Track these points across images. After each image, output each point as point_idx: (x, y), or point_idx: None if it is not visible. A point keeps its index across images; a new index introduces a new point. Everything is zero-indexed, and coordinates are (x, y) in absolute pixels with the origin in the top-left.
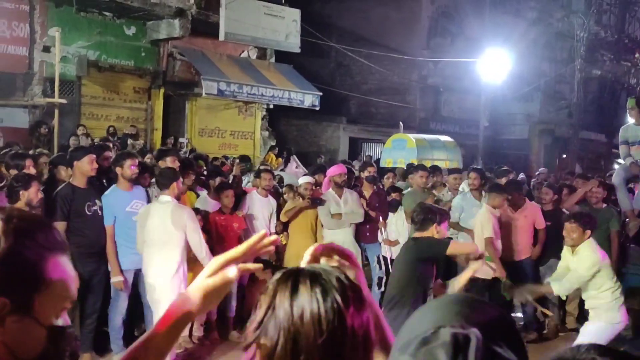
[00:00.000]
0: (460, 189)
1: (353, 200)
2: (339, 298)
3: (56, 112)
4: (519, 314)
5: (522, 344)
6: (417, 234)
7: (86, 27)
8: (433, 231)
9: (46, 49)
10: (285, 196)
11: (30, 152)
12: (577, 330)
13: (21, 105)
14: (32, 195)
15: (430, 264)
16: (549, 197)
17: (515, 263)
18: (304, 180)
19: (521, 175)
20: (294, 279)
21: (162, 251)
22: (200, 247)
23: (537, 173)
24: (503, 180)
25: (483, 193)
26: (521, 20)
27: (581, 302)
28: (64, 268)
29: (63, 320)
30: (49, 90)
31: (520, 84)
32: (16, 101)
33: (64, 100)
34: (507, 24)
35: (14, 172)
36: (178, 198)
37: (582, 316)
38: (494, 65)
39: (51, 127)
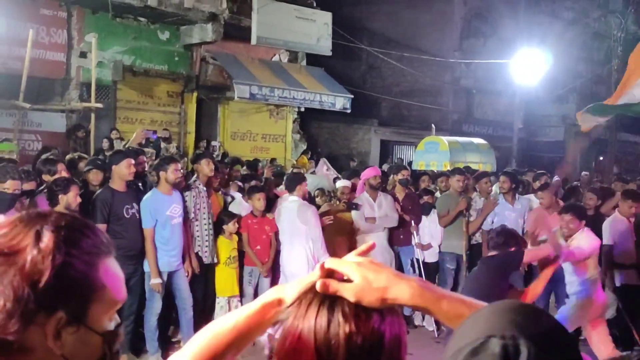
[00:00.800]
0: (492, 192)
1: (387, 204)
2: (340, 316)
3: (92, 116)
4: None
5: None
6: (493, 253)
7: (121, 32)
8: None
9: (83, 55)
10: (318, 200)
11: (69, 156)
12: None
13: (59, 110)
14: (71, 199)
15: (507, 278)
16: (592, 202)
17: None
18: (341, 184)
19: (555, 178)
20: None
21: (292, 243)
22: (317, 242)
23: (580, 177)
24: (537, 184)
25: (517, 196)
26: (557, 20)
27: None
28: (113, 271)
29: (115, 319)
30: (85, 94)
31: (556, 85)
32: (54, 106)
33: (100, 105)
34: (542, 24)
35: (46, 177)
36: (304, 198)
37: None
38: (529, 67)
39: (88, 131)
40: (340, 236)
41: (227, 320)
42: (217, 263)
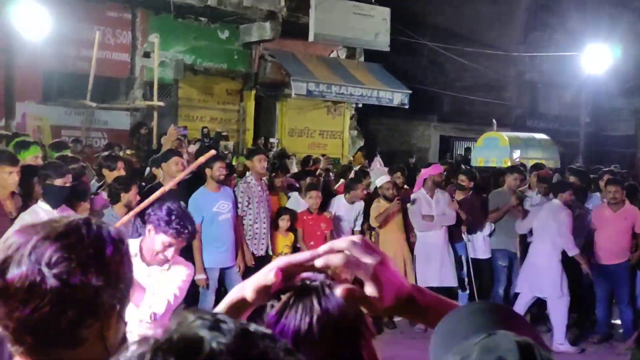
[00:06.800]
0: None
1: (445, 201)
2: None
3: (155, 114)
4: (618, 321)
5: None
6: None
7: (183, 32)
8: None
9: (146, 55)
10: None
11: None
12: None
13: (123, 109)
14: (131, 197)
15: None
16: None
17: (610, 266)
18: (383, 180)
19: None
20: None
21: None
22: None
23: None
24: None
25: (588, 194)
26: (627, 11)
27: None
28: None
29: None
30: (148, 93)
31: (626, 77)
32: (119, 104)
33: (161, 103)
34: (612, 15)
35: (105, 171)
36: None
37: None
38: (597, 59)
39: (150, 129)
40: (394, 232)
41: None
42: (271, 256)
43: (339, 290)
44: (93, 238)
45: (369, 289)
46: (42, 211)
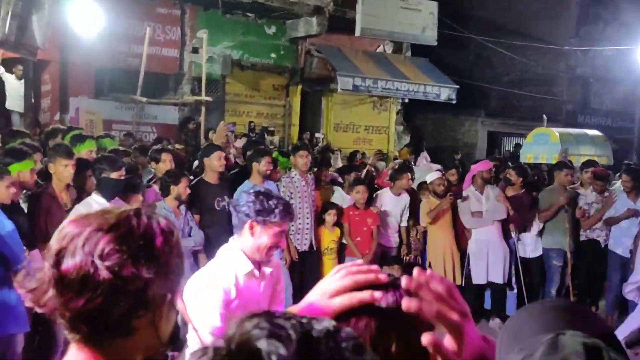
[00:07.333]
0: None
1: (495, 196)
2: None
3: (202, 109)
4: None
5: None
6: None
7: (230, 28)
8: None
9: (195, 50)
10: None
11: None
12: None
13: (172, 103)
14: (181, 190)
15: None
16: None
17: None
18: (434, 176)
19: None
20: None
21: None
22: None
23: None
24: None
25: None
26: None
27: None
28: None
29: None
30: (196, 88)
31: None
32: (168, 99)
33: (209, 98)
34: None
35: (153, 165)
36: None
37: None
38: None
39: (198, 123)
40: (443, 229)
41: None
42: (315, 251)
43: (424, 339)
44: (143, 229)
45: (449, 342)
46: (95, 203)
